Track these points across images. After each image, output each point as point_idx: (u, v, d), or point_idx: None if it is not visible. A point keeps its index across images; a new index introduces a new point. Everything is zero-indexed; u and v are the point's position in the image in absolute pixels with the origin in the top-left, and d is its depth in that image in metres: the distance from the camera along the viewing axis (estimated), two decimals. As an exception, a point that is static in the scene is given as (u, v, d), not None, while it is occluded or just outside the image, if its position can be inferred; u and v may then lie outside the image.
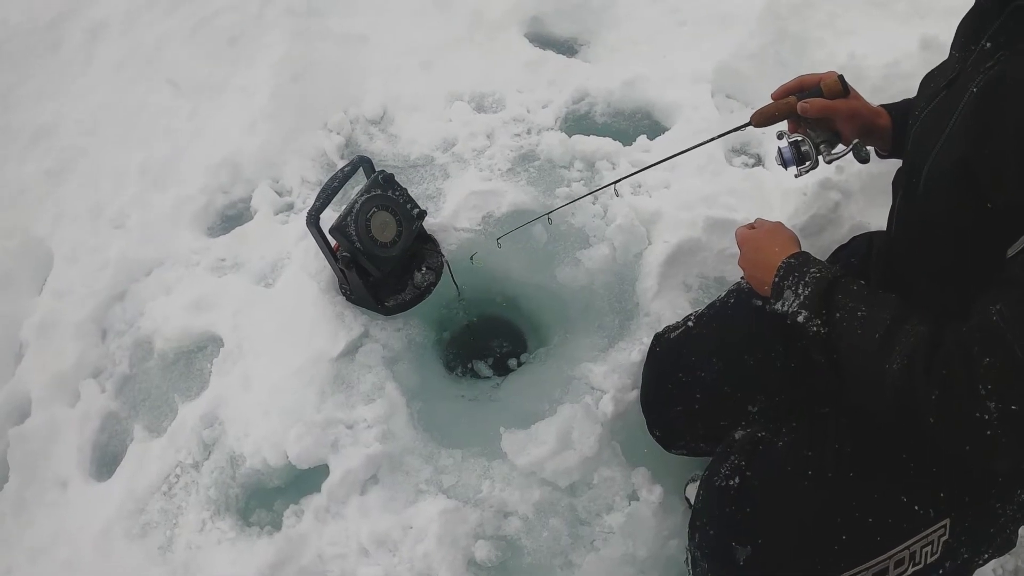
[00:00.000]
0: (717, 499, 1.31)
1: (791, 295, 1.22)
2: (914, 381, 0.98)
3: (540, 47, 2.83)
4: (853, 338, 1.10)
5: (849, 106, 1.40)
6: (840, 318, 1.13)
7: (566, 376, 1.96)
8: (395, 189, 2.02)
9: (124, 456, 2.09)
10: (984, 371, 0.91)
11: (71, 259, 2.52)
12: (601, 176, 2.32)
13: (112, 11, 3.09)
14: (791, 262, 1.27)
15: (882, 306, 1.10)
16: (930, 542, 1.16)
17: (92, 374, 2.29)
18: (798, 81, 1.46)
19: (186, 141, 2.74)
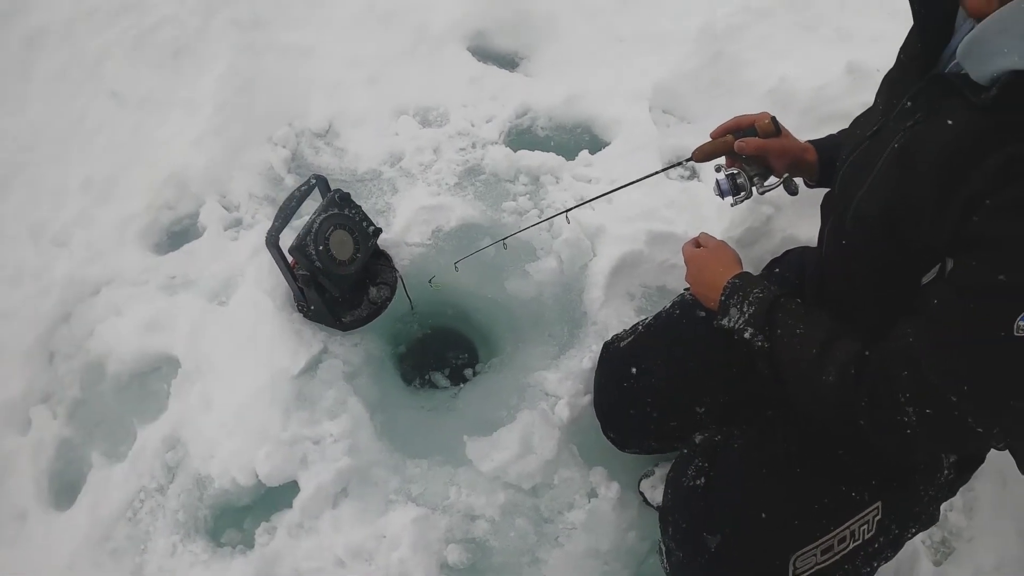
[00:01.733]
0: (686, 497, 1.55)
1: (736, 312, 1.45)
2: (847, 390, 1.21)
3: (482, 61, 3.02)
4: (793, 352, 1.32)
5: (781, 144, 1.65)
6: (781, 334, 1.35)
7: (521, 384, 2.16)
8: (351, 207, 2.18)
9: (84, 483, 2.16)
10: (903, 383, 1.13)
11: (13, 281, 2.55)
12: (546, 190, 2.53)
13: (51, 19, 3.09)
14: (736, 282, 1.50)
15: (817, 325, 1.32)
16: (866, 521, 1.43)
17: (42, 400, 2.35)
18: (735, 121, 1.70)
19: (129, 156, 2.79)
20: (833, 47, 2.98)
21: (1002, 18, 1.01)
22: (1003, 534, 2.06)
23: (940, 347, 1.10)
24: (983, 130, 1.05)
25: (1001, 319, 1.01)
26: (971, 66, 1.07)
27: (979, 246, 1.05)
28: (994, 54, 1.02)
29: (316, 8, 3.12)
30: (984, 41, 1.04)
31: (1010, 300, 1.00)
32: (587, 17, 3.18)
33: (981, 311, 1.04)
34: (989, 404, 1.08)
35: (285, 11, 3.09)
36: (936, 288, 1.14)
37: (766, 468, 1.50)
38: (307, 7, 3.12)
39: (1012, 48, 0.99)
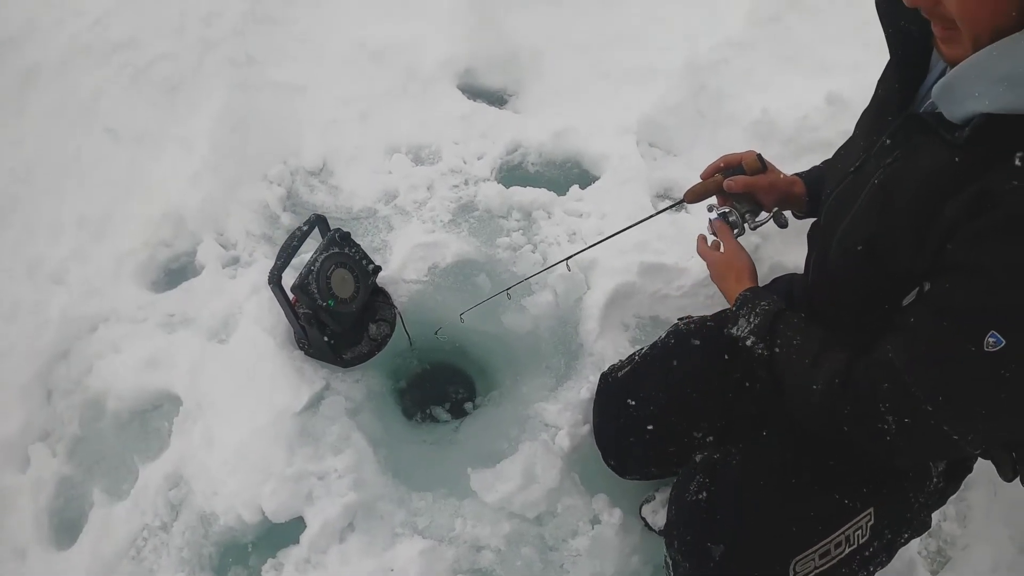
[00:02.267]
0: (690, 511, 1.65)
1: (744, 323, 1.59)
2: (833, 398, 1.32)
3: (472, 98, 3.12)
4: (789, 362, 1.44)
5: (768, 180, 1.77)
6: (780, 344, 1.48)
7: (521, 415, 2.23)
8: (351, 246, 2.26)
9: (85, 521, 2.20)
10: (883, 394, 1.23)
11: (10, 316, 2.58)
12: (538, 225, 2.61)
13: (46, 55, 3.13)
14: (747, 295, 1.65)
15: (812, 337, 1.44)
16: (860, 527, 1.53)
17: (40, 437, 2.38)
18: (723, 160, 1.81)
19: (125, 192, 2.84)
20: (813, 78, 3.10)
21: (974, 64, 1.09)
22: (997, 540, 2.17)
23: (917, 361, 1.19)
24: (957, 167, 1.14)
25: (972, 336, 1.10)
26: (945, 107, 1.16)
27: (953, 270, 1.14)
28: (967, 97, 1.10)
29: (308, 47, 3.21)
30: (957, 85, 1.12)
31: (980, 319, 1.10)
32: (573, 53, 3.29)
33: (954, 328, 1.13)
34: (962, 413, 1.17)
35: (278, 50, 3.17)
36: (914, 307, 1.24)
37: (763, 480, 1.60)
38: (299, 46, 3.21)
39: (983, 92, 1.07)
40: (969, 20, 1.07)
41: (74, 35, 3.16)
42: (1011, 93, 1.04)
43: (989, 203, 1.07)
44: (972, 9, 1.06)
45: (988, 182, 1.08)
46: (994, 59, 1.06)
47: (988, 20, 1.05)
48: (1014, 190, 1.04)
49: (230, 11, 3.15)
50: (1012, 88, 1.04)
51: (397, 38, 3.21)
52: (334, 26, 3.27)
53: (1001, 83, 1.05)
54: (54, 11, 3.26)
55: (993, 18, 1.05)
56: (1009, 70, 1.04)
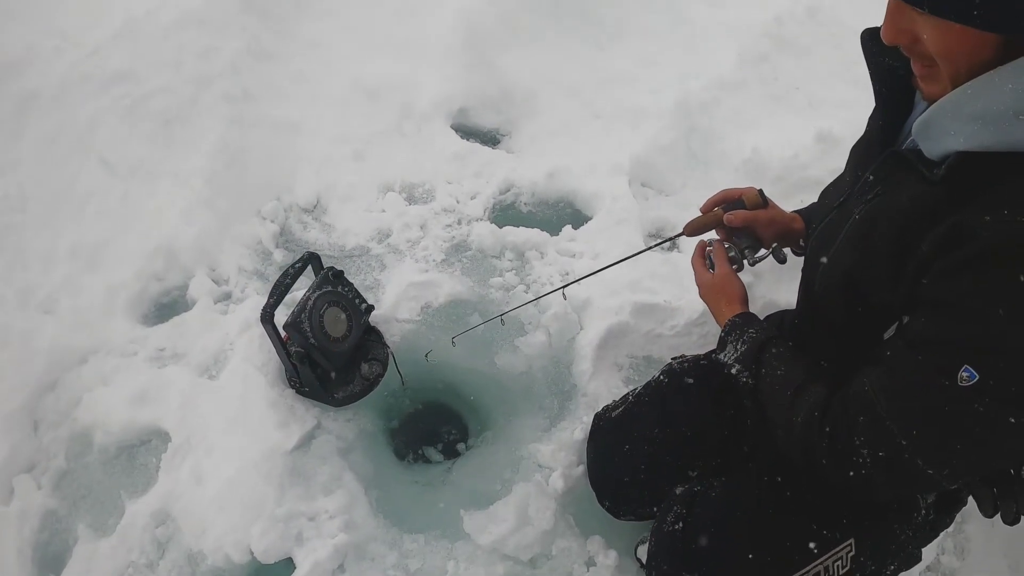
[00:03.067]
0: (668, 541, 1.66)
1: (731, 350, 1.61)
2: (811, 432, 1.33)
3: (465, 137, 3.18)
4: (772, 392, 1.47)
5: (768, 215, 1.79)
6: (765, 373, 1.50)
7: (515, 456, 2.24)
8: (344, 285, 2.29)
9: (70, 556, 2.18)
10: (858, 427, 1.24)
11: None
12: (531, 265, 2.66)
13: (44, 83, 3.15)
14: (736, 321, 1.67)
15: (796, 368, 1.46)
16: (839, 557, 1.54)
17: (26, 468, 2.36)
18: (723, 194, 1.84)
19: (118, 224, 2.85)
20: (803, 116, 3.21)
21: (950, 102, 1.12)
22: (997, 571, 2.21)
23: (892, 394, 1.21)
24: (933, 203, 1.16)
25: (945, 370, 1.12)
26: (924, 144, 1.19)
27: (927, 305, 1.17)
28: (943, 135, 1.14)
29: (303, 84, 3.27)
30: (934, 122, 1.15)
31: (953, 353, 1.12)
32: (566, 94, 3.37)
33: (928, 363, 1.15)
34: (935, 448, 1.18)
35: (274, 86, 3.22)
36: (891, 342, 1.26)
37: (740, 510, 1.61)
38: (295, 83, 3.26)
39: (958, 130, 1.11)
40: (948, 58, 1.10)
41: (73, 64, 3.19)
42: (985, 131, 1.07)
43: (962, 238, 1.09)
44: (951, 47, 1.09)
45: (962, 217, 1.09)
46: (968, 97, 1.09)
47: (966, 58, 1.08)
48: (986, 225, 1.06)
49: (227, 47, 3.20)
50: (986, 126, 1.07)
51: (392, 77, 3.28)
52: (330, 64, 3.34)
53: (975, 121, 1.08)
54: (54, 39, 3.30)
55: (971, 56, 1.08)
56: (983, 108, 1.07)
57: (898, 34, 1.15)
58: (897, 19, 1.14)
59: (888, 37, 1.17)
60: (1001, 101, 1.05)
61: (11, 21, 3.40)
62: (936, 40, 1.09)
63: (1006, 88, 1.05)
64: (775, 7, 3.53)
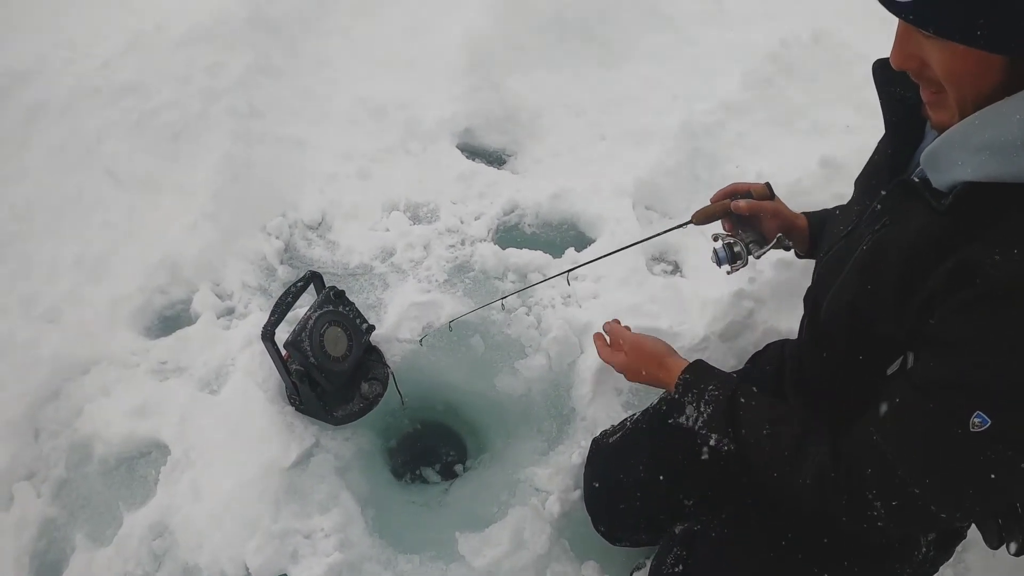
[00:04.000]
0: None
1: (693, 411, 1.55)
2: (825, 493, 1.30)
3: (470, 157, 3.22)
4: (764, 456, 1.41)
5: (773, 206, 1.79)
6: (746, 435, 1.44)
7: (512, 479, 2.28)
8: (345, 304, 2.32)
9: (66, 566, 2.21)
10: (869, 480, 1.23)
11: (1, 353, 2.60)
12: (534, 287, 2.68)
13: (53, 94, 3.20)
14: (687, 379, 1.60)
15: (783, 421, 1.41)
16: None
17: (26, 476, 2.39)
18: (732, 187, 1.85)
19: (123, 236, 2.89)
20: (807, 140, 3.23)
21: (958, 132, 1.12)
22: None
23: (902, 443, 1.20)
24: (940, 234, 1.16)
25: (957, 416, 1.10)
26: (932, 175, 1.19)
27: (936, 345, 1.15)
28: (951, 165, 1.14)
29: (310, 101, 3.32)
30: (942, 153, 1.15)
31: (965, 398, 1.10)
32: (572, 115, 3.42)
33: (938, 409, 1.14)
34: (949, 495, 1.18)
35: (281, 103, 3.27)
36: (898, 385, 1.24)
37: (740, 553, 1.63)
38: (301, 100, 3.32)
39: (966, 161, 1.11)
40: (954, 82, 1.11)
41: (82, 76, 3.24)
42: (993, 161, 1.07)
43: (970, 276, 1.08)
44: (957, 71, 1.09)
45: (970, 253, 1.09)
46: (976, 128, 1.10)
47: (973, 83, 1.09)
48: (995, 264, 1.05)
49: (235, 63, 3.25)
50: (994, 156, 1.07)
51: (399, 96, 3.33)
52: (337, 82, 3.39)
53: (983, 151, 1.08)
54: (64, 51, 3.35)
55: (978, 81, 1.08)
56: (991, 138, 1.07)
57: (906, 59, 1.16)
58: (905, 44, 1.16)
59: (897, 62, 1.18)
60: (1009, 131, 1.05)
61: (22, 32, 3.47)
62: (942, 63, 1.10)
63: (1014, 119, 1.05)
64: (781, 31, 3.57)
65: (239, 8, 3.42)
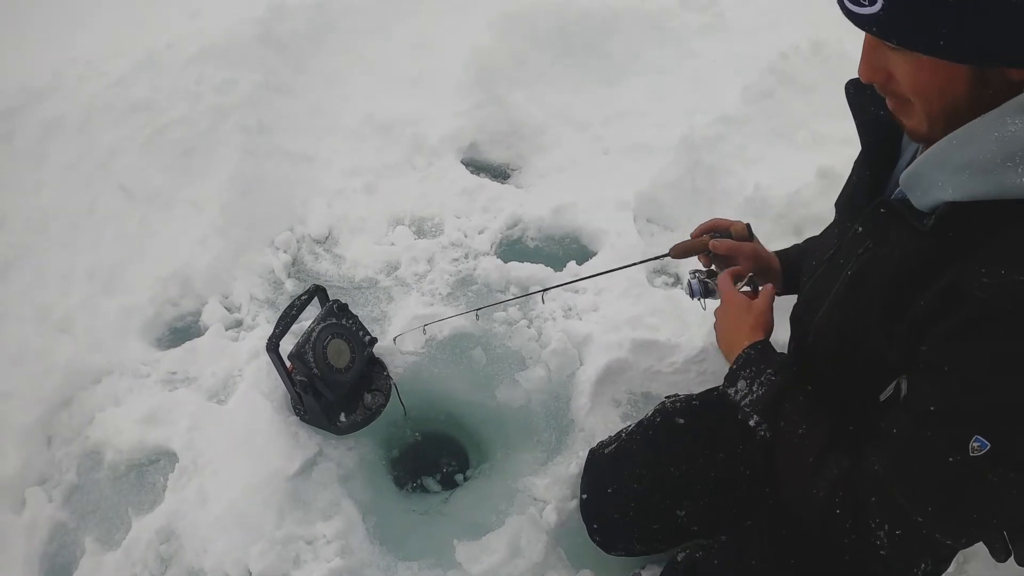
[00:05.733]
0: None
1: (744, 386, 1.51)
2: (831, 510, 1.28)
3: (475, 172, 3.29)
4: (790, 455, 1.39)
5: (752, 248, 1.80)
6: (783, 428, 1.41)
7: (510, 489, 2.32)
8: (348, 317, 2.39)
9: (76, 568, 2.27)
10: (872, 508, 1.21)
11: (17, 361, 2.68)
12: (535, 300, 2.73)
13: (68, 110, 3.30)
14: (750, 354, 1.54)
15: (817, 429, 1.37)
16: None
17: (38, 481, 2.47)
18: (712, 223, 1.85)
19: (135, 249, 2.98)
20: (806, 151, 3.26)
21: (937, 152, 1.11)
22: None
23: (902, 473, 1.18)
24: (926, 255, 1.15)
25: (955, 442, 1.09)
26: (913, 196, 1.17)
27: (928, 371, 1.14)
28: (932, 186, 1.12)
29: (318, 117, 3.40)
30: (922, 174, 1.14)
31: (962, 423, 1.09)
32: (575, 130, 3.48)
33: (936, 436, 1.12)
34: (953, 522, 1.17)
35: (289, 119, 3.36)
36: (895, 416, 1.22)
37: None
38: (310, 116, 3.40)
39: (946, 181, 1.09)
40: (922, 95, 1.11)
41: (96, 93, 3.34)
42: (973, 181, 1.06)
43: (961, 299, 1.07)
44: (922, 83, 1.09)
45: (957, 275, 1.08)
46: (955, 148, 1.09)
47: (940, 95, 1.09)
48: (983, 286, 1.04)
49: (245, 80, 3.34)
50: (974, 176, 1.06)
51: (405, 112, 3.41)
52: (345, 99, 3.48)
53: (963, 171, 1.07)
54: (78, 68, 3.46)
55: (945, 93, 1.08)
56: (970, 158, 1.06)
57: (873, 72, 1.16)
58: (871, 56, 1.15)
59: (864, 75, 1.18)
60: (987, 149, 1.04)
61: (38, 49, 3.59)
62: (908, 75, 1.10)
63: (991, 136, 1.04)
64: (781, 43, 3.61)
65: (249, 27, 3.52)
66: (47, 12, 3.82)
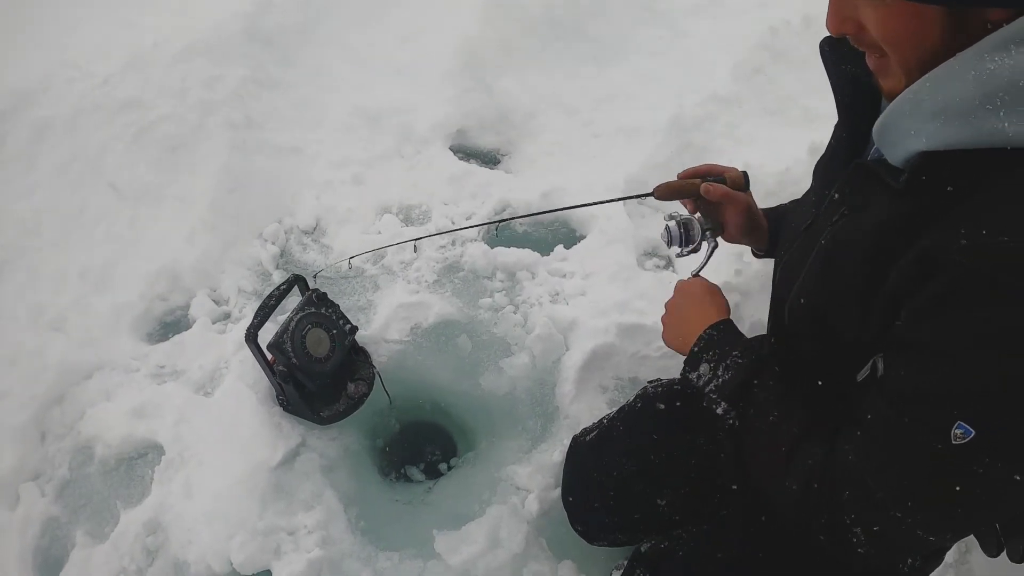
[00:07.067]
0: None
1: (707, 370, 1.43)
2: (808, 506, 1.19)
3: (464, 159, 3.23)
4: (761, 443, 1.31)
5: (747, 200, 1.72)
6: (753, 415, 1.33)
7: (493, 478, 2.27)
8: (328, 306, 2.34)
9: (67, 561, 2.28)
10: (847, 504, 1.12)
11: (11, 360, 2.68)
12: (522, 286, 2.68)
13: (57, 112, 3.28)
14: (712, 335, 1.47)
15: (791, 415, 1.29)
16: None
17: (32, 477, 2.47)
18: (706, 167, 1.75)
19: (126, 247, 2.96)
20: (798, 128, 3.18)
21: (908, 99, 1.02)
22: None
23: (879, 464, 1.09)
24: (902, 219, 1.05)
25: (936, 429, 0.99)
26: (886, 149, 1.08)
27: (905, 351, 1.05)
28: (904, 136, 1.03)
29: (306, 110, 3.35)
30: (893, 123, 1.05)
31: (943, 408, 0.99)
32: (565, 114, 3.40)
33: (915, 424, 1.03)
34: (936, 517, 1.08)
35: (277, 113, 3.31)
36: (870, 401, 1.13)
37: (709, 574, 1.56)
38: (298, 109, 3.35)
39: (919, 129, 0.99)
40: (894, 44, 1.02)
41: (84, 93, 3.32)
42: (950, 127, 0.96)
43: (937, 267, 0.97)
44: (894, 30, 1.00)
45: (933, 240, 0.98)
46: (928, 91, 0.99)
47: (913, 43, 1.00)
48: (961, 250, 0.94)
49: (231, 75, 3.30)
50: (950, 121, 0.96)
51: (393, 101, 3.35)
52: (332, 90, 3.42)
53: (938, 117, 0.97)
54: (67, 70, 3.42)
55: (917, 40, 0.99)
56: (945, 101, 0.96)
57: (842, 23, 1.07)
58: (840, 6, 1.07)
59: (833, 27, 1.09)
60: (964, 91, 0.93)
61: (29, 52, 3.56)
62: (878, 24, 1.01)
63: (968, 76, 0.93)
64: (771, 19, 3.52)
65: (235, 22, 3.47)
66: (35, 14, 3.81)
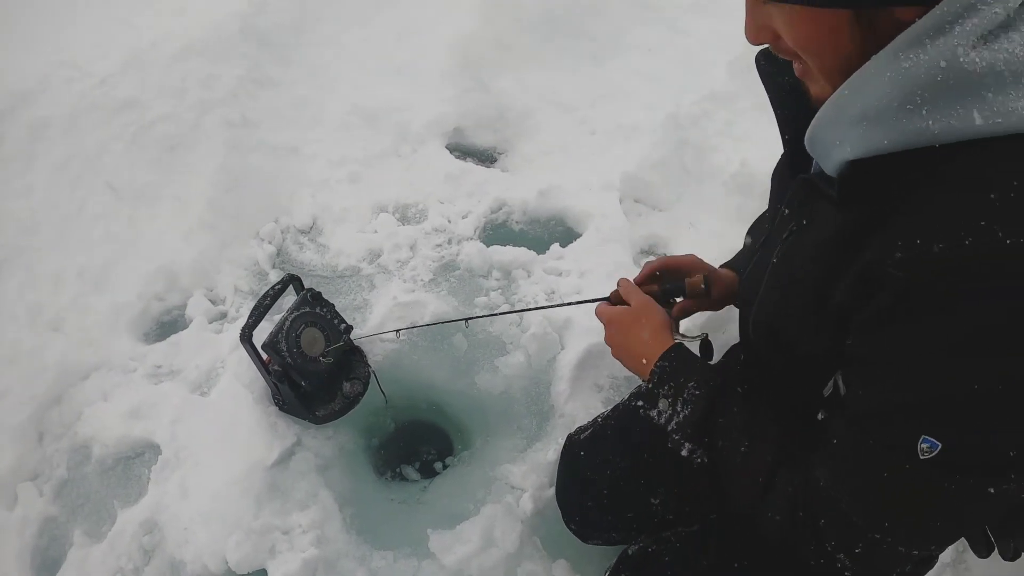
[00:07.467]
0: None
1: (666, 406, 1.38)
2: (795, 535, 1.17)
3: (460, 157, 3.22)
4: (736, 475, 1.27)
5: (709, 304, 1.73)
6: (722, 448, 1.28)
7: (488, 477, 2.26)
8: (323, 306, 2.33)
9: (64, 561, 2.28)
10: (825, 531, 1.11)
11: (10, 360, 2.69)
12: (517, 284, 2.68)
13: (54, 112, 3.29)
14: (664, 367, 1.41)
15: (762, 442, 1.24)
16: None
17: (30, 477, 2.48)
18: (660, 262, 1.74)
19: (124, 246, 2.96)
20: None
21: (830, 108, 0.99)
22: None
23: (851, 489, 1.08)
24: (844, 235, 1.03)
25: (902, 448, 0.97)
26: (820, 160, 1.05)
27: (859, 369, 1.04)
28: (831, 146, 1.00)
29: (303, 109, 3.35)
30: (821, 133, 1.02)
31: (906, 425, 0.97)
32: (562, 112, 3.40)
33: (879, 444, 1.01)
34: (915, 534, 1.07)
35: (274, 112, 3.32)
36: (836, 424, 1.11)
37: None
38: (295, 108, 3.35)
39: (844, 138, 0.97)
40: (808, 50, 0.99)
41: (82, 94, 3.32)
42: (873, 132, 0.93)
43: (877, 282, 0.95)
44: (806, 37, 0.97)
45: (872, 256, 0.96)
46: (847, 98, 0.96)
47: (828, 48, 0.97)
48: (898, 263, 0.91)
49: (228, 75, 3.30)
50: (872, 126, 0.92)
51: (390, 100, 3.35)
52: (330, 89, 3.43)
53: (859, 123, 0.94)
54: (65, 70, 3.43)
55: (831, 45, 0.96)
56: (864, 107, 0.93)
57: (758, 32, 1.04)
58: (753, 15, 1.03)
59: (750, 37, 1.05)
60: (882, 94, 0.91)
61: (27, 53, 3.57)
62: (789, 30, 0.98)
63: (884, 78, 0.90)
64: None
65: (232, 21, 3.48)
66: (33, 14, 3.81)
